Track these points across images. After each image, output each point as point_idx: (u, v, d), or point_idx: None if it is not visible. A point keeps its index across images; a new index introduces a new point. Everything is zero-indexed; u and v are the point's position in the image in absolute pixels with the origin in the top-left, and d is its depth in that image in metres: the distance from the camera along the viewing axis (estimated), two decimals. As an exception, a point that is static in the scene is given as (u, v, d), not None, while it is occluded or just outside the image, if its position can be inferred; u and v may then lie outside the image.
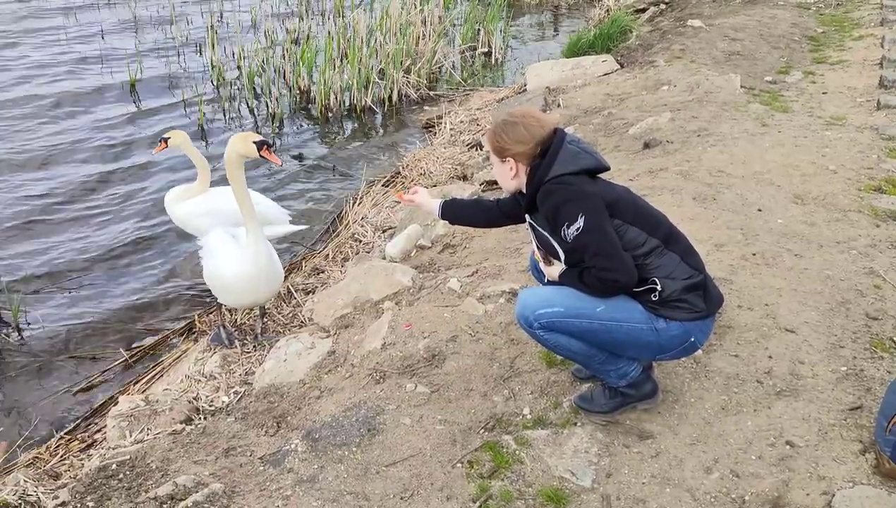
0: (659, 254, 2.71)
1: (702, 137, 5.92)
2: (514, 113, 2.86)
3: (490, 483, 2.80)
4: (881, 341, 3.50)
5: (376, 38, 9.23)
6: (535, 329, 2.79)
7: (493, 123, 2.86)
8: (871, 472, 2.76)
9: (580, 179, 2.71)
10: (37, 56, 9.55)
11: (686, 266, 2.74)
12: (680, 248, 2.77)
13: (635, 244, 2.70)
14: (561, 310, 2.74)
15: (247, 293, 4.32)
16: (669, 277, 2.71)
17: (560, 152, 2.72)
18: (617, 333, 2.75)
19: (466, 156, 7.18)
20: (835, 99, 6.91)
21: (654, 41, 9.14)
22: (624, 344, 2.81)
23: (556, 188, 2.69)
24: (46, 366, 4.68)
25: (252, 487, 2.87)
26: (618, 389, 2.99)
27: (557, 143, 2.74)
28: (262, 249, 4.19)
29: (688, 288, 2.72)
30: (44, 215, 6.25)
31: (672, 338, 2.77)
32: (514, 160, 2.81)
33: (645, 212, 2.79)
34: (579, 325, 2.74)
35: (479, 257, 4.61)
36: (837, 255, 4.20)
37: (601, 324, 2.73)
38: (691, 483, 2.78)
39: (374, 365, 3.54)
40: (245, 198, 4.15)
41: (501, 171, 2.89)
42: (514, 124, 2.79)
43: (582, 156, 2.74)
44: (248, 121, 8.40)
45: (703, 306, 2.76)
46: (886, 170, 5.28)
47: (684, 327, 2.75)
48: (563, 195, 2.67)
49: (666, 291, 2.70)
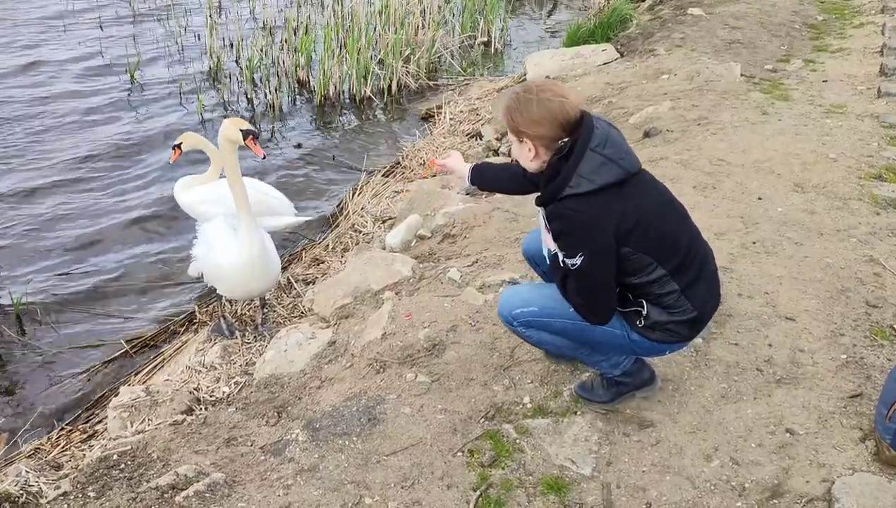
0: (661, 283, 2.56)
1: (702, 126, 5.90)
2: (532, 87, 2.49)
3: (490, 471, 2.81)
4: (881, 329, 3.50)
5: (375, 28, 9.20)
6: (515, 326, 2.85)
7: (510, 96, 2.53)
8: (871, 460, 2.77)
9: (599, 201, 2.41)
10: (34, 48, 9.51)
11: (685, 299, 2.58)
12: (687, 278, 2.58)
13: (640, 271, 2.53)
14: (535, 310, 2.78)
15: (239, 284, 4.28)
16: (661, 306, 2.61)
17: (582, 163, 2.39)
18: (591, 333, 2.74)
19: (466, 145, 7.17)
20: (835, 87, 6.88)
21: (654, 30, 9.10)
22: (599, 344, 2.82)
23: (566, 214, 2.43)
24: (48, 357, 4.69)
25: (253, 476, 2.88)
26: (614, 379, 3.00)
27: (581, 148, 2.40)
28: (255, 239, 4.12)
29: (677, 322, 2.62)
30: (44, 207, 6.24)
31: (645, 349, 2.78)
32: (531, 142, 2.51)
33: (664, 236, 2.54)
34: (554, 325, 2.77)
35: (480, 247, 4.60)
36: (837, 243, 4.20)
37: (574, 324, 2.71)
38: (691, 471, 2.78)
39: (375, 355, 3.54)
40: (238, 183, 4.09)
41: (519, 152, 2.60)
42: (530, 101, 2.45)
43: (606, 167, 2.41)
44: (248, 112, 8.37)
45: (686, 334, 2.70)
46: (887, 158, 5.27)
47: (655, 346, 2.74)
48: (571, 227, 2.43)
49: (651, 318, 2.62)
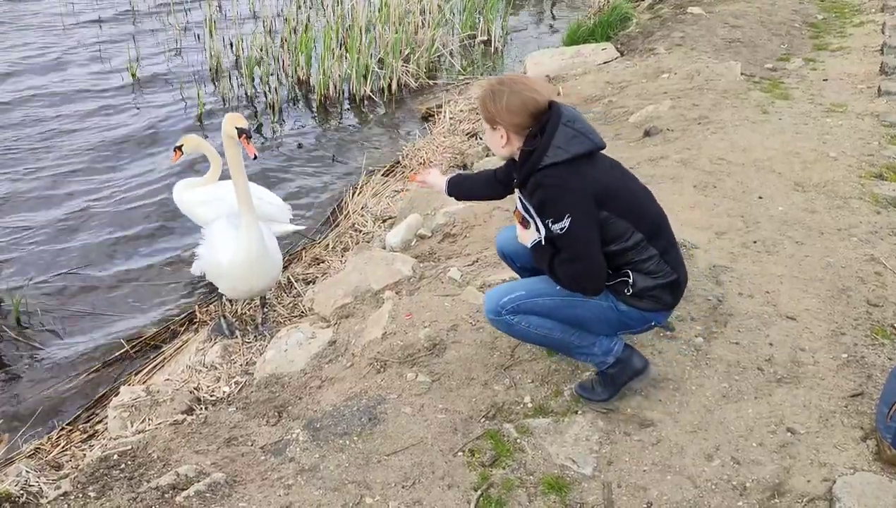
0: (640, 249, 2.72)
1: (702, 125, 5.90)
2: (506, 79, 2.74)
3: (491, 471, 2.81)
4: (882, 328, 3.50)
5: (375, 27, 9.19)
6: (504, 316, 2.85)
7: (485, 87, 2.77)
8: (872, 459, 2.77)
9: (574, 169, 2.63)
10: (34, 46, 9.50)
11: (664, 263, 2.76)
12: (662, 244, 2.77)
13: (619, 237, 2.69)
14: (523, 293, 2.84)
15: (239, 281, 4.27)
16: (644, 273, 2.75)
17: (555, 135, 2.61)
18: (580, 308, 2.82)
19: (466, 145, 7.16)
20: (835, 86, 6.88)
21: (654, 29, 9.10)
22: (588, 320, 2.87)
23: (547, 182, 2.62)
24: (48, 357, 4.69)
25: (254, 476, 2.88)
26: (608, 373, 3.00)
27: (553, 124, 2.63)
28: (255, 236, 4.11)
29: (661, 286, 2.78)
30: (43, 207, 6.23)
31: (633, 319, 2.86)
32: (504, 129, 2.73)
33: (634, 201, 2.75)
34: (543, 303, 2.83)
35: (480, 246, 4.60)
36: (838, 242, 4.20)
37: (563, 300, 2.81)
38: (692, 471, 2.78)
39: (375, 354, 3.54)
40: (241, 177, 4.09)
41: (492, 139, 2.82)
42: (503, 92, 2.68)
43: (578, 139, 2.63)
44: (248, 111, 8.36)
45: (669, 300, 2.84)
46: (887, 156, 5.27)
47: (644, 315, 2.85)
48: (553, 192, 2.61)
49: (638, 286, 2.76)
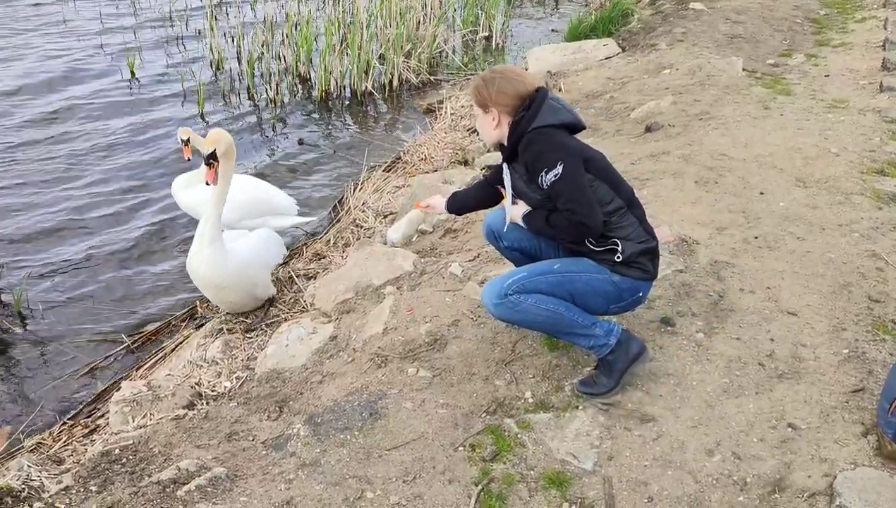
0: (622, 214, 2.95)
1: (704, 121, 5.89)
2: (497, 68, 3.09)
3: (492, 466, 2.81)
4: (883, 323, 3.50)
5: (376, 23, 9.18)
6: (509, 296, 2.92)
7: (477, 77, 3.11)
8: (872, 454, 2.77)
9: (560, 132, 2.92)
10: (34, 43, 9.50)
11: (643, 230, 3.00)
12: (638, 213, 3.02)
13: (603, 201, 2.91)
14: (525, 274, 2.98)
15: (206, 292, 4.41)
16: (628, 239, 2.96)
17: (543, 106, 2.93)
18: (577, 283, 2.97)
19: (468, 140, 7.15)
20: (837, 81, 6.87)
21: (655, 24, 9.09)
22: (585, 293, 2.99)
23: (538, 137, 2.89)
24: (49, 352, 4.69)
25: (255, 471, 2.88)
26: (607, 360, 3.03)
27: (540, 98, 2.95)
28: (207, 247, 4.15)
29: (643, 251, 2.98)
30: (45, 202, 6.24)
31: (625, 290, 3.01)
32: (496, 111, 2.99)
33: (612, 170, 3.03)
34: (545, 280, 2.96)
35: (481, 241, 4.59)
36: (840, 238, 4.19)
37: (563, 276, 2.97)
38: (693, 466, 2.78)
39: (376, 349, 3.54)
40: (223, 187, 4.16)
41: (484, 122, 3.07)
42: (495, 78, 2.99)
43: (563, 111, 2.95)
44: (248, 107, 8.36)
45: (651, 269, 3.04)
46: (889, 152, 5.26)
47: (635, 284, 3.01)
48: (545, 144, 2.88)
49: (626, 253, 2.95)
